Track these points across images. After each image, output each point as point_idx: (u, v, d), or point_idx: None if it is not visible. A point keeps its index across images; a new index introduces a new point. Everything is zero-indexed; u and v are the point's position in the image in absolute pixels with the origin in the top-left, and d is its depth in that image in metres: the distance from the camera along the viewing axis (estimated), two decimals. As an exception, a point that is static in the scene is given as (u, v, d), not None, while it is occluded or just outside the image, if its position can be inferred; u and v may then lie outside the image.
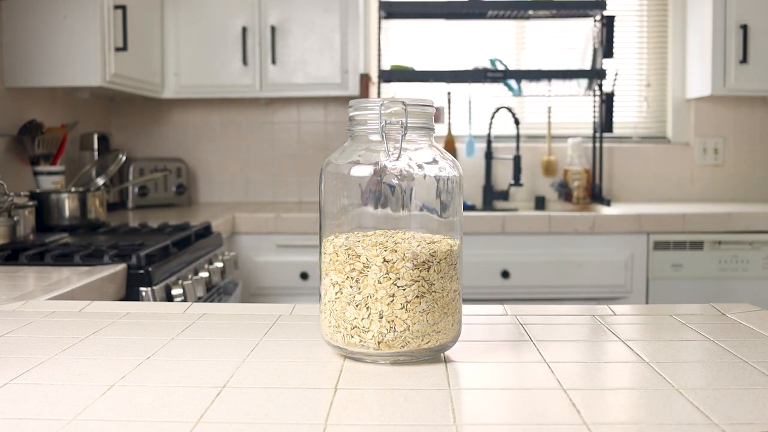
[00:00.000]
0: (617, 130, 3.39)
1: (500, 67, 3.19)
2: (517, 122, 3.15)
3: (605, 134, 3.27)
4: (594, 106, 3.23)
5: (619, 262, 2.75)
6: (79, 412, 0.66)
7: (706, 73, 3.12)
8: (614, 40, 3.13)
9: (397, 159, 0.80)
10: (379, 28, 3.09)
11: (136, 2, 2.78)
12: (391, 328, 0.78)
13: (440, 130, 3.31)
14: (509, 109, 3.18)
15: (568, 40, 3.41)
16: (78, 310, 1.07)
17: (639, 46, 3.47)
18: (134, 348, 0.87)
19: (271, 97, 3.32)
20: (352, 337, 0.79)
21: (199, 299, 1.96)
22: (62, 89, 2.86)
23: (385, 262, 0.78)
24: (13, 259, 1.73)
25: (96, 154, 2.96)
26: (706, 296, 2.74)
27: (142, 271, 1.73)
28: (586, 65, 3.19)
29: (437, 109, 3.27)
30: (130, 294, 1.71)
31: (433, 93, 3.38)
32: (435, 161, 0.83)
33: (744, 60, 3.04)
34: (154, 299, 1.73)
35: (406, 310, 0.78)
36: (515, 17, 3.24)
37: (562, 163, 3.38)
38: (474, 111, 3.36)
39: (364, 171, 0.82)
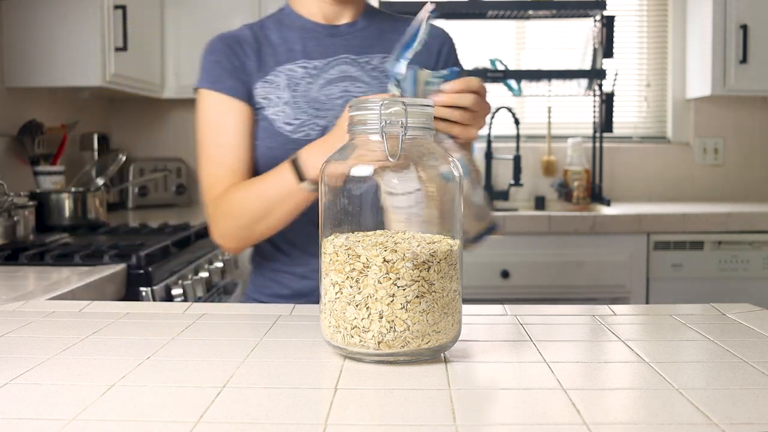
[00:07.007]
0: (617, 130, 3.39)
1: (500, 67, 3.19)
2: (517, 122, 3.15)
3: (605, 134, 3.27)
4: (594, 106, 3.23)
5: (619, 262, 2.75)
6: (79, 412, 0.66)
7: (706, 73, 3.12)
8: (614, 40, 3.13)
9: (397, 159, 0.80)
10: (379, 28, 3.09)
11: (136, 2, 2.78)
12: (391, 328, 0.78)
13: (440, 130, 3.30)
14: (509, 109, 3.17)
15: (568, 40, 3.41)
16: (78, 310, 1.07)
17: (639, 46, 3.47)
18: (134, 348, 0.87)
19: (271, 97, 3.31)
20: (352, 337, 0.79)
21: (199, 299, 1.96)
22: (62, 89, 2.85)
23: (385, 262, 0.78)
24: (13, 259, 1.73)
25: (96, 154, 2.96)
26: (706, 296, 2.74)
27: (142, 271, 1.73)
28: (586, 65, 3.19)
29: (437, 109, 3.26)
30: (130, 294, 1.71)
31: (433, 93, 3.37)
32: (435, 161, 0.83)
33: (744, 60, 3.03)
34: (154, 299, 1.73)
35: (406, 310, 0.78)
36: (515, 17, 3.24)
37: (562, 163, 3.38)
38: (474, 111, 3.36)
39: (364, 171, 0.82)
